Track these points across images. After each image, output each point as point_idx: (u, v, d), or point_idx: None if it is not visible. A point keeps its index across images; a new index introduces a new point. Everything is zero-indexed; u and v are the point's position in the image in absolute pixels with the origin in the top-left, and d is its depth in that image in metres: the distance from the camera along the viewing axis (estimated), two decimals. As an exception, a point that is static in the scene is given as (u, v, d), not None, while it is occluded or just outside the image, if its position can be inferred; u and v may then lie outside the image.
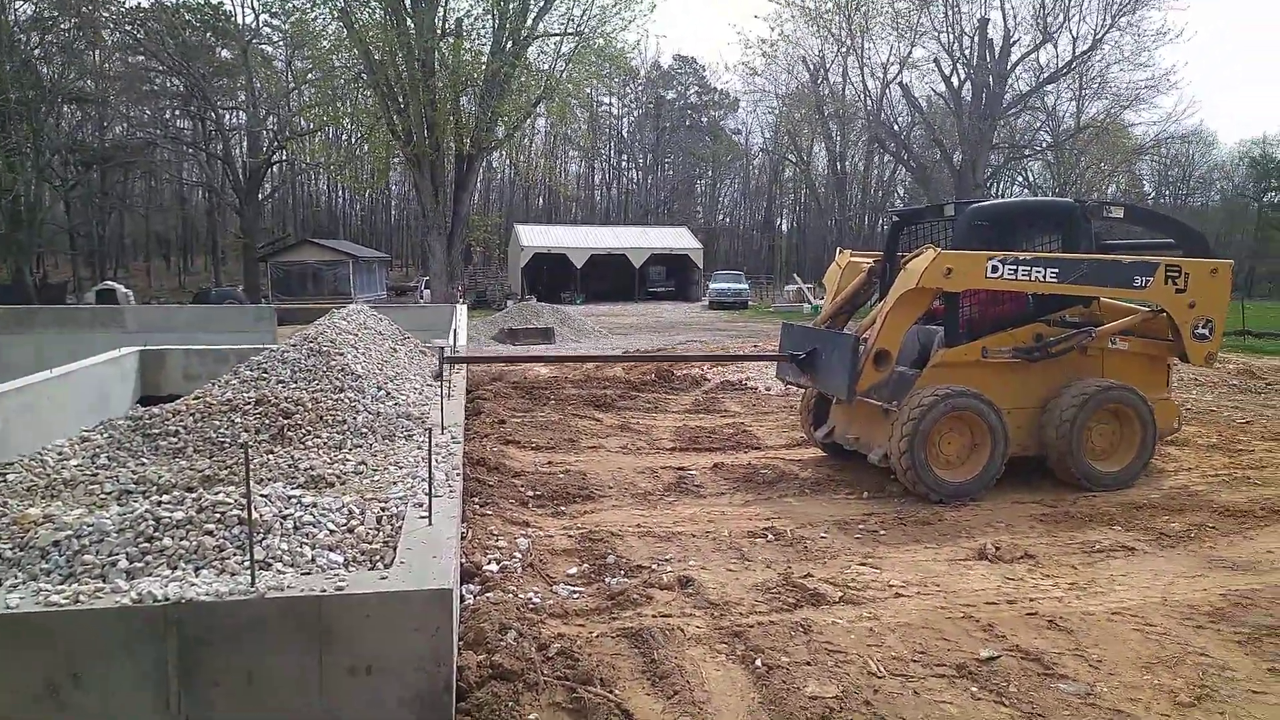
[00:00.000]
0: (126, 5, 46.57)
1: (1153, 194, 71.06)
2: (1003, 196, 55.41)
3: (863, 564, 5.96)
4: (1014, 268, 7.49)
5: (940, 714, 4.01)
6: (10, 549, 3.85)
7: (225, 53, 50.22)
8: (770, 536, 6.55)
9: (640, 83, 71.33)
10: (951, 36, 39.38)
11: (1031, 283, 7.58)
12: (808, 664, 4.43)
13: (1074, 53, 38.19)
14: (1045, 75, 39.78)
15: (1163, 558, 6.17)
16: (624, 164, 79.49)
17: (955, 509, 7.31)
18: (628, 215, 73.09)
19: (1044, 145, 46.04)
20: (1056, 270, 7.59)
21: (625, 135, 77.23)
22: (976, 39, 39.19)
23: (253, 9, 46.05)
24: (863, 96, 46.45)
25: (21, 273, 38.53)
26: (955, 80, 40.16)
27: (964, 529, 6.78)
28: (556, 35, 32.26)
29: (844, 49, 45.08)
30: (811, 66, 46.83)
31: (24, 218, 39.24)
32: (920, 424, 7.34)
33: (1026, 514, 7.20)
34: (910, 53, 42.92)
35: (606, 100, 67.86)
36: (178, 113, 52.96)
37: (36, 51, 44.43)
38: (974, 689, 4.26)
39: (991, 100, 39.12)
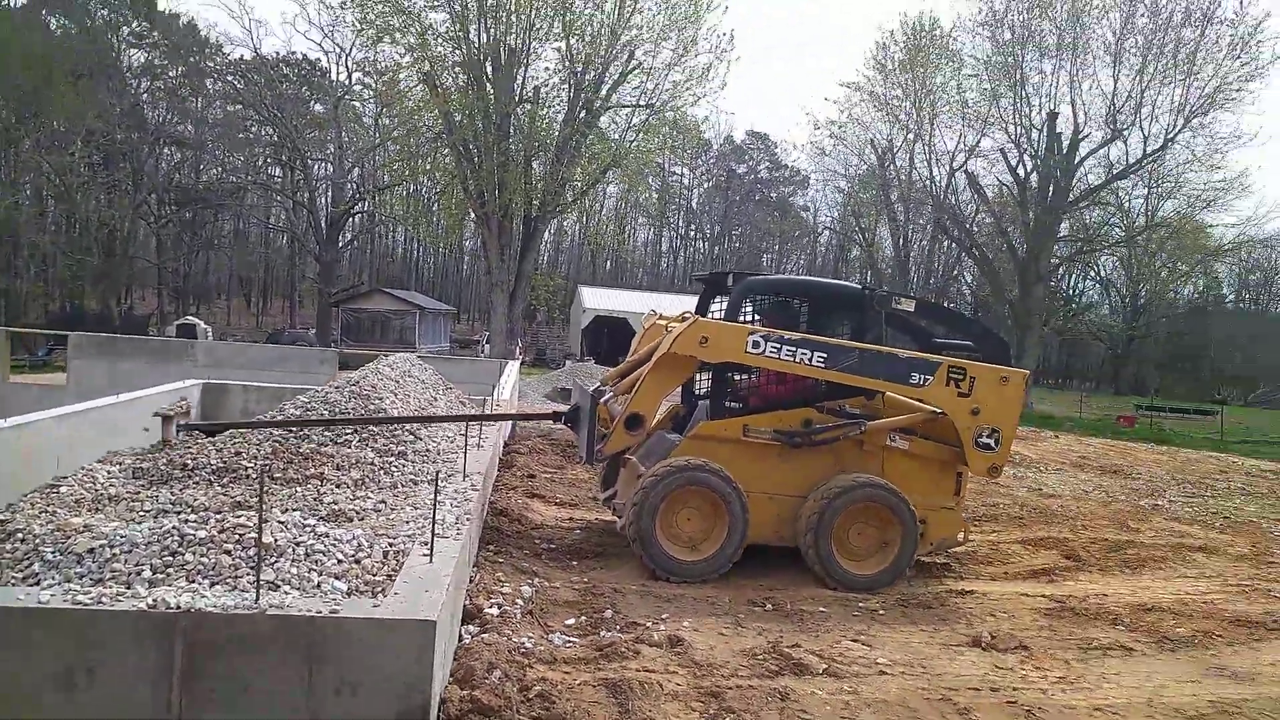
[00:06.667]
0: (230, 58, 49.75)
1: (1231, 296, 69.26)
2: (1065, 288, 54.75)
3: (854, 640, 6.07)
4: (778, 346, 7.11)
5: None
6: (52, 553, 4.28)
7: (319, 107, 52.94)
8: (769, 606, 6.70)
9: (712, 155, 72.70)
10: (1020, 129, 39.37)
11: (795, 364, 7.18)
12: (776, 729, 4.58)
13: (1145, 151, 37.69)
14: (1116, 171, 39.34)
15: (1160, 660, 6.15)
16: (692, 233, 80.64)
17: (960, 597, 7.34)
18: (693, 284, 73.77)
19: (1115, 240, 45.34)
20: (825, 355, 7.17)
21: (695, 205, 78.51)
22: (1045, 131, 39.13)
23: (347, 67, 48.59)
24: (929, 182, 46.55)
25: (108, 303, 40.68)
26: (1022, 171, 40.05)
27: (965, 616, 6.84)
28: (629, 106, 33.58)
29: (912, 135, 45.37)
30: (879, 150, 47.25)
31: (117, 250, 41.64)
32: (650, 495, 7.06)
33: (1031, 607, 7.20)
34: (978, 142, 42.94)
35: (678, 170, 69.21)
36: (269, 160, 55.72)
37: (145, 96, 47.67)
38: (936, 768, 4.35)
39: (1058, 193, 38.78)
